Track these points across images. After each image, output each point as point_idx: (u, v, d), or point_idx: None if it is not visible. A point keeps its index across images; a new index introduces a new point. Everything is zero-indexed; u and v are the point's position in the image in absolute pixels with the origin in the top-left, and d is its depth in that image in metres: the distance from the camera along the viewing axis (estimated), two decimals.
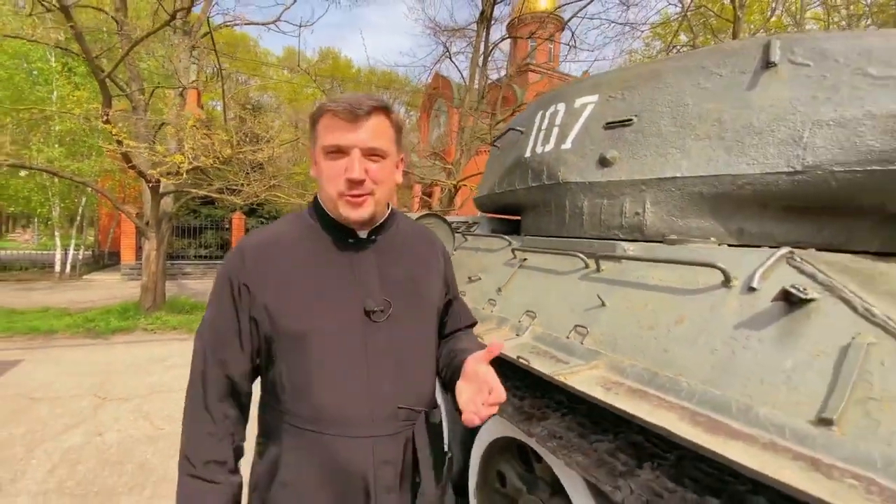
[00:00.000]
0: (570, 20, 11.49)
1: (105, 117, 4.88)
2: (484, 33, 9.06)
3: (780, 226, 1.49)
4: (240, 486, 0.89)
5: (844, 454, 0.83)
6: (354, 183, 0.82)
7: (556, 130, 2.06)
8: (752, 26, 15.04)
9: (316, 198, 0.94)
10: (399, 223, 1.01)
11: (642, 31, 14.72)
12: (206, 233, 14.35)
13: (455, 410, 0.84)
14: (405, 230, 1.02)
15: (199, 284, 11.57)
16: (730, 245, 1.51)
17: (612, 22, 11.31)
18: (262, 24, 7.39)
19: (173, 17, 4.85)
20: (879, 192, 1.31)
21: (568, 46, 10.68)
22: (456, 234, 2.65)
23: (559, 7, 14.46)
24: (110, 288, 10.38)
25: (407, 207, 16.78)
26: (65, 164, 9.78)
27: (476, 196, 3.03)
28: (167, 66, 7.26)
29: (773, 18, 15.27)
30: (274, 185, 8.08)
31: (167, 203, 7.38)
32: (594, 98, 1.95)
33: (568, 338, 1.45)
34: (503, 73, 12.95)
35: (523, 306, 1.73)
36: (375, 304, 0.86)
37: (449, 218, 2.83)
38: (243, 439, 0.91)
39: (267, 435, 0.91)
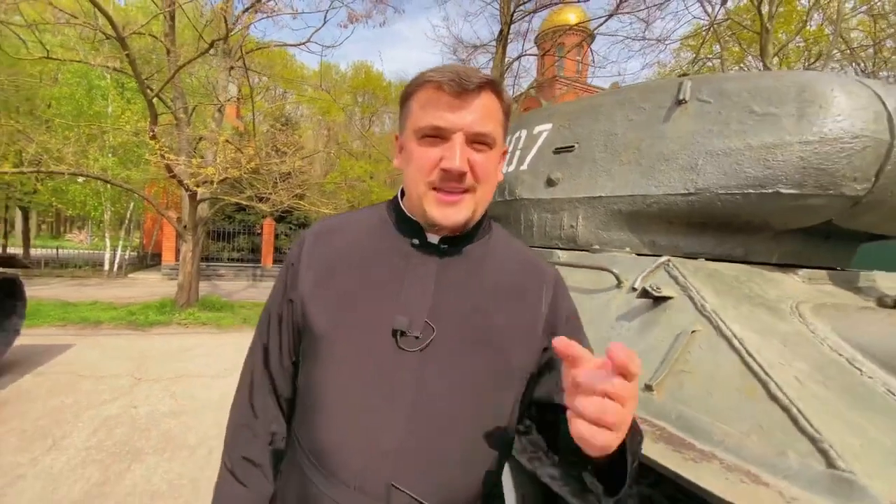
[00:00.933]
0: (590, 35, 11.68)
1: (151, 133, 5.53)
2: (501, 51, 9.39)
3: (685, 239, 1.74)
4: (269, 497, 0.76)
5: (654, 411, 1.11)
6: (452, 175, 0.65)
7: (518, 153, 2.36)
8: (787, 35, 14.72)
9: (400, 192, 0.79)
10: (493, 238, 0.78)
11: (667, 45, 14.69)
12: (239, 237, 15.22)
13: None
14: (499, 249, 0.78)
15: (231, 285, 12.33)
16: (639, 254, 1.76)
17: (632, 38, 11.34)
18: (293, 46, 7.99)
19: (211, 45, 5.47)
20: (757, 211, 1.55)
21: (583, 63, 10.87)
22: None
23: (583, 22, 14.66)
24: (152, 286, 11.23)
25: None
26: (116, 172, 10.73)
27: None
28: (206, 85, 7.96)
29: (813, 28, 14.88)
30: (299, 194, 8.64)
31: (203, 209, 8.03)
32: (548, 126, 2.24)
33: None
34: (530, 85, 13.25)
35: None
36: (409, 325, 0.66)
37: None
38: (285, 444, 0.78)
39: (287, 452, 0.77)
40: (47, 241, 21.64)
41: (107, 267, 13.12)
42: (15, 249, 16.24)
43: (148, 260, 16.14)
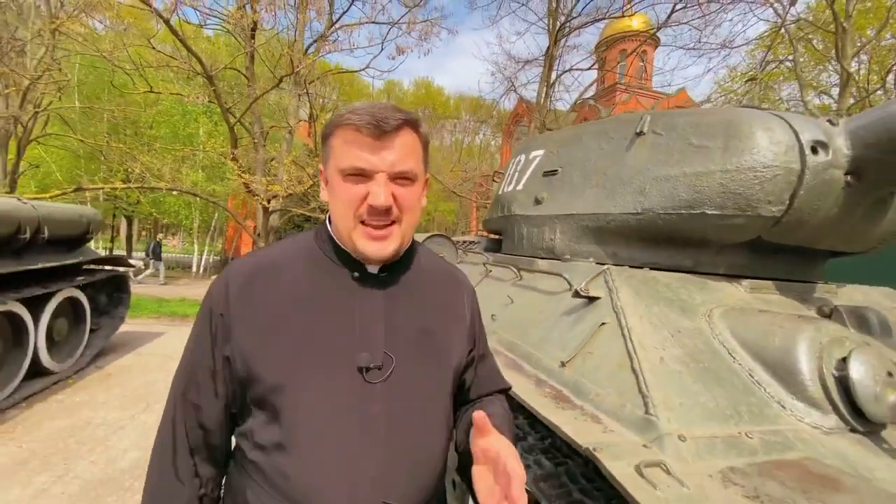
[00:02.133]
0: (652, 41, 11.55)
1: (232, 155, 6.50)
2: (548, 67, 9.66)
3: (641, 251, 2.01)
4: None
5: (561, 380, 1.45)
6: (379, 210, 0.69)
7: (516, 175, 2.73)
8: (872, 30, 13.55)
9: (327, 220, 0.80)
10: (421, 259, 0.86)
11: (731, 50, 14.12)
12: None
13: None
14: (427, 268, 0.86)
15: None
16: (600, 264, 2.06)
17: (686, 48, 11.09)
18: (354, 72, 8.83)
19: (280, 80, 6.36)
20: (691, 228, 1.81)
21: (645, 72, 10.79)
22: (458, 251, 3.38)
23: (640, 31, 14.45)
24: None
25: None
26: (204, 186, 12.26)
27: (483, 220, 3.74)
28: (278, 111, 9.02)
29: None
30: None
31: (274, 219, 9.04)
32: (541, 152, 2.59)
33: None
34: (586, 94, 13.33)
35: None
36: (372, 359, 0.71)
37: (456, 238, 3.57)
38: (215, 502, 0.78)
39: (231, 493, 0.76)
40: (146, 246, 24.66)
41: (194, 269, 14.87)
42: (119, 252, 18.79)
43: (229, 263, 17.97)
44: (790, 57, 14.43)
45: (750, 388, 1.27)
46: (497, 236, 3.54)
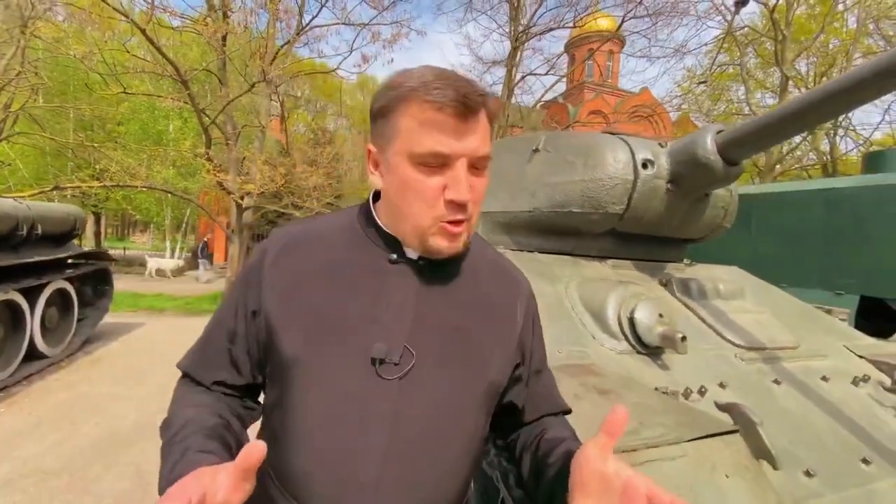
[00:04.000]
0: (618, 41, 12.31)
1: (206, 155, 6.90)
2: (509, 71, 10.32)
3: (536, 240, 2.64)
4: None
5: None
6: (461, 207, 0.62)
7: None
8: (821, 37, 14.53)
9: (370, 198, 0.75)
10: (473, 250, 0.77)
11: (684, 54, 15.09)
12: None
13: None
14: (478, 261, 0.78)
15: None
16: (509, 249, 2.69)
17: (637, 56, 11.93)
18: (324, 73, 9.26)
19: (253, 86, 6.80)
20: (565, 222, 2.45)
21: (612, 72, 11.55)
22: None
23: (601, 31, 15.26)
24: (204, 283, 12.86)
25: None
26: (176, 182, 12.46)
27: None
28: (252, 111, 9.39)
29: (854, 27, 14.72)
30: (329, 202, 9.91)
31: (248, 215, 9.44)
32: None
33: None
34: (547, 96, 14.06)
35: None
36: (388, 352, 0.64)
37: None
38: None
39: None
40: (114, 243, 24.36)
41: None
42: (86, 248, 18.60)
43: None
44: (739, 61, 15.56)
45: (577, 328, 1.92)
46: None
